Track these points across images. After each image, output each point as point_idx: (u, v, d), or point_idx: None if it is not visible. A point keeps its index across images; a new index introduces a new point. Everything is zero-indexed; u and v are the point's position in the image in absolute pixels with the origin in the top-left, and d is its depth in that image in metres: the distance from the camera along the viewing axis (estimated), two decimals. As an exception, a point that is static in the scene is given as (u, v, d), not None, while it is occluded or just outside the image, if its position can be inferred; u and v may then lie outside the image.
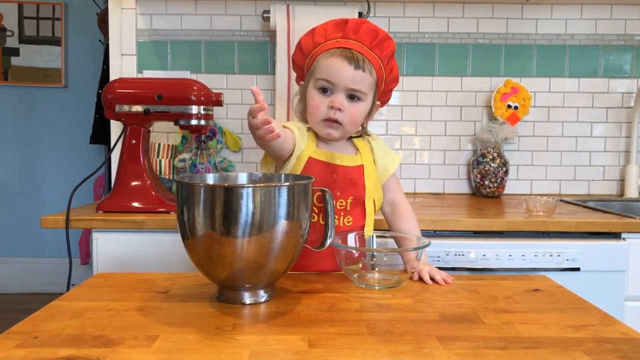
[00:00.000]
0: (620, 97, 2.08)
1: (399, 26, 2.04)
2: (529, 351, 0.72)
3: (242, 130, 2.04)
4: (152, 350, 0.71)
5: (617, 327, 0.82)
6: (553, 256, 1.46)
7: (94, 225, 1.47)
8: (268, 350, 0.71)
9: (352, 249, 1.06)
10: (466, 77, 2.06)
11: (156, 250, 1.48)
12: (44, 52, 3.42)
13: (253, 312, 0.87)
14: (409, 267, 1.04)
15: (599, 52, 2.07)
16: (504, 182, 1.97)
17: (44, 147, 3.50)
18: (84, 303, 0.90)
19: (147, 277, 1.06)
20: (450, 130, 2.07)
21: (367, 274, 1.05)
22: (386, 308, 0.89)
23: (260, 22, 1.99)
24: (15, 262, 3.53)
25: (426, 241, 1.03)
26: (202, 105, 1.54)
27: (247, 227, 0.82)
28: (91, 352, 0.70)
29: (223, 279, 0.89)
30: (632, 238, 1.49)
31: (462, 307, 0.90)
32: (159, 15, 2.00)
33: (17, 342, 0.73)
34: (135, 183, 1.54)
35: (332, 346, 0.73)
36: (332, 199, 0.98)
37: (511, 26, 2.05)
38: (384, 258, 1.07)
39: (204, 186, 0.85)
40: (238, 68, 2.02)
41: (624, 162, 2.09)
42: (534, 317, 0.86)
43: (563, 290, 1.02)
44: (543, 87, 2.07)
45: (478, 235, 1.51)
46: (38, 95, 3.46)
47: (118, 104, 1.53)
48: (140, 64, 1.99)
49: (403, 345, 0.73)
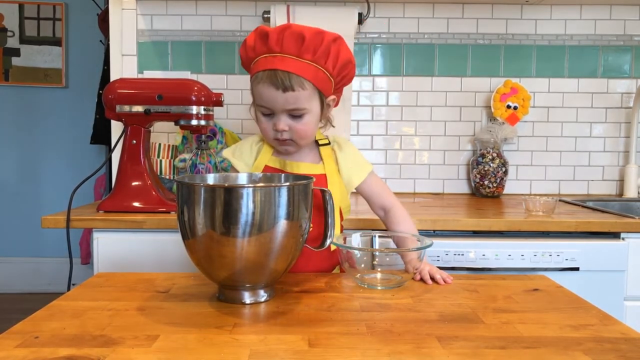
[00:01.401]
0: (620, 97, 2.08)
1: (399, 26, 2.04)
2: (529, 351, 0.72)
3: (242, 130, 2.04)
4: (152, 349, 0.72)
5: (617, 326, 0.82)
6: (552, 256, 1.46)
7: (95, 225, 1.47)
8: (268, 349, 0.72)
9: (355, 249, 1.06)
10: (466, 77, 2.06)
11: (156, 250, 1.49)
12: (45, 52, 3.42)
13: (253, 312, 0.87)
14: (410, 267, 1.04)
15: (598, 53, 2.07)
16: (503, 182, 1.97)
17: (44, 147, 3.51)
18: (84, 303, 0.90)
19: (148, 277, 1.06)
20: (449, 131, 2.08)
21: (369, 274, 1.05)
22: (386, 308, 0.89)
23: (261, 23, 2.00)
24: (15, 262, 3.53)
25: (429, 241, 1.03)
26: (202, 106, 1.54)
27: (247, 227, 0.83)
28: (91, 352, 0.70)
29: (223, 278, 0.89)
30: (632, 238, 1.50)
31: (462, 307, 0.90)
32: (160, 16, 2.01)
33: (17, 341, 0.74)
34: (135, 183, 1.54)
35: (332, 346, 0.73)
36: (332, 199, 0.98)
37: (511, 26, 2.05)
38: (386, 258, 1.07)
39: (204, 186, 0.85)
40: (238, 68, 2.03)
41: (623, 162, 2.09)
42: (534, 317, 0.86)
43: (562, 290, 1.02)
44: (542, 87, 2.07)
45: (477, 235, 1.51)
46: (39, 95, 3.47)
47: (119, 104, 1.53)
48: (141, 64, 1.99)
49: (403, 344, 0.74)
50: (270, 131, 1.12)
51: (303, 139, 1.13)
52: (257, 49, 1.10)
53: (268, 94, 1.07)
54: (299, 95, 1.07)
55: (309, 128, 1.12)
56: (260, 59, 1.09)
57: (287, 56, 1.06)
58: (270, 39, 1.07)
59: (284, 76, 1.05)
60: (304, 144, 1.15)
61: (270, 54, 1.07)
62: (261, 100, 1.09)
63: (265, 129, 1.13)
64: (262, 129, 1.14)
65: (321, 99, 1.13)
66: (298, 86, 1.06)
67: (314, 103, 1.11)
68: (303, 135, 1.12)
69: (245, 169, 1.18)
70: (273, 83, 1.06)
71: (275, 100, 1.07)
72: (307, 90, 1.08)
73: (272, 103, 1.08)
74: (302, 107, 1.08)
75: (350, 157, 1.19)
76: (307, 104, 1.09)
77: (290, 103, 1.07)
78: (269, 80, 1.06)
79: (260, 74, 1.08)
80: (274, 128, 1.11)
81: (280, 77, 1.05)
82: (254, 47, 1.10)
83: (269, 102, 1.08)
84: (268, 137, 1.14)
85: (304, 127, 1.11)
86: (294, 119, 1.10)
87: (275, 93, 1.06)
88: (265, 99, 1.08)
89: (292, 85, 1.05)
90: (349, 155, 1.19)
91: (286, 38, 1.06)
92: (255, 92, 1.11)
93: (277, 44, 1.07)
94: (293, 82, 1.05)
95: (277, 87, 1.06)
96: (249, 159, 1.18)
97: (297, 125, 1.10)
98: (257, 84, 1.09)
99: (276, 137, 1.12)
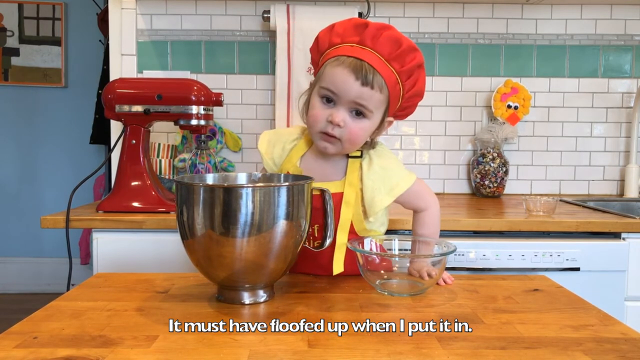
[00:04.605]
0: (620, 97, 2.08)
1: (399, 26, 2.00)
2: (529, 351, 0.72)
3: (242, 130, 2.04)
4: (151, 350, 0.71)
5: (617, 327, 0.82)
6: (553, 256, 1.46)
7: (94, 225, 1.47)
8: (267, 350, 0.71)
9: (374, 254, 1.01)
10: (466, 77, 2.06)
11: (156, 250, 1.48)
12: (44, 52, 3.42)
13: (252, 312, 0.87)
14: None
15: (598, 52, 2.07)
16: (503, 182, 1.97)
17: (44, 147, 3.51)
18: (83, 303, 0.90)
19: (147, 277, 1.06)
20: (450, 130, 2.07)
21: (389, 279, 1.01)
22: (386, 308, 0.89)
23: (260, 22, 1.99)
24: (15, 262, 3.53)
25: (451, 246, 0.99)
26: (202, 105, 1.54)
27: (247, 227, 0.82)
28: (90, 352, 0.70)
29: (222, 279, 0.89)
30: (632, 238, 1.49)
31: (462, 307, 0.90)
32: (159, 16, 2.00)
33: (16, 342, 0.74)
34: (135, 183, 1.54)
35: (331, 346, 0.73)
36: (332, 199, 0.98)
37: (511, 26, 2.05)
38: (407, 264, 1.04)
39: (203, 186, 0.85)
40: (238, 68, 2.02)
41: (624, 162, 2.09)
42: (534, 317, 0.86)
43: (563, 290, 1.02)
44: (543, 87, 2.07)
45: (478, 235, 1.51)
46: (38, 95, 3.47)
47: (118, 104, 1.53)
48: (140, 64, 1.99)
49: (402, 345, 0.73)
50: (322, 121, 1.01)
51: (350, 142, 1.02)
52: (346, 36, 1.02)
53: (344, 79, 0.98)
54: (373, 95, 0.99)
55: (362, 133, 1.02)
56: (346, 46, 1.01)
57: (377, 55, 1.00)
58: (368, 31, 1.00)
59: (369, 70, 0.98)
60: (347, 148, 1.04)
61: (360, 45, 1.01)
62: (332, 84, 1.00)
63: (317, 116, 1.02)
64: (314, 115, 1.02)
65: (384, 114, 1.04)
66: (377, 86, 0.99)
67: (378, 112, 1.03)
68: (354, 138, 1.02)
69: (272, 167, 1.11)
70: (355, 71, 0.98)
71: (350, 89, 0.98)
72: (381, 95, 1.00)
73: (344, 90, 0.99)
74: (369, 107, 1.00)
75: (379, 174, 1.06)
76: (374, 108, 1.01)
77: (362, 98, 0.99)
78: (352, 67, 0.98)
79: (343, 58, 1.00)
80: (328, 118, 1.00)
81: (366, 69, 0.98)
82: (343, 34, 1.03)
83: (340, 88, 0.99)
84: (316, 126, 1.02)
85: (358, 130, 1.01)
86: (353, 117, 1.01)
87: (353, 82, 0.98)
88: (339, 84, 0.99)
89: (372, 82, 0.98)
90: (377, 173, 1.06)
91: (383, 37, 1.00)
92: (326, 74, 1.01)
93: (373, 39, 1.00)
94: (375, 80, 0.98)
95: (357, 77, 0.98)
96: (278, 158, 1.10)
97: (352, 125, 1.01)
98: (335, 66, 1.00)
99: (326, 129, 1.01)
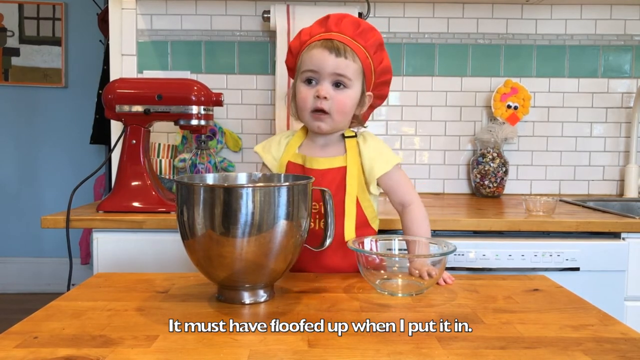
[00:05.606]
0: (620, 97, 2.08)
1: (399, 26, 2.04)
2: (528, 351, 0.72)
3: (242, 130, 2.04)
4: (151, 350, 0.71)
5: (617, 327, 0.82)
6: (553, 256, 1.46)
7: (94, 225, 1.47)
8: (267, 350, 0.71)
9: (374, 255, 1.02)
10: (466, 77, 2.06)
11: (156, 250, 1.48)
12: (44, 52, 3.42)
13: (253, 312, 0.87)
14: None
15: (598, 52, 2.07)
16: (503, 182, 1.97)
17: (44, 147, 3.51)
18: (83, 303, 0.90)
19: (147, 277, 1.06)
20: (450, 131, 2.07)
21: (389, 279, 1.01)
22: (386, 308, 0.89)
23: (260, 22, 1.99)
24: (15, 262, 3.53)
25: (451, 246, 1.00)
26: (202, 105, 1.54)
27: (247, 227, 0.82)
28: (91, 352, 0.70)
29: (223, 278, 0.89)
30: (632, 238, 1.49)
31: (462, 307, 0.90)
32: (159, 16, 2.00)
33: (16, 342, 0.74)
34: (135, 183, 1.54)
35: (331, 346, 0.73)
36: (332, 199, 0.98)
37: (511, 26, 2.05)
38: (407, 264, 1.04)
39: (203, 186, 0.85)
40: (238, 68, 2.03)
41: (624, 162, 2.09)
42: (534, 317, 0.86)
43: (562, 290, 1.02)
44: (543, 87, 2.07)
45: (478, 235, 1.51)
46: (38, 95, 3.47)
47: (118, 104, 1.53)
48: (141, 64, 1.99)
49: (402, 345, 0.73)
50: (309, 100, 1.13)
51: (340, 112, 1.13)
52: (314, 32, 1.17)
53: (320, 56, 1.11)
54: (349, 64, 1.11)
55: (348, 101, 1.13)
56: (315, 37, 1.15)
57: (342, 35, 1.13)
58: (330, 21, 1.15)
59: (339, 44, 1.11)
60: (338, 121, 1.14)
61: (327, 32, 1.15)
62: (311, 64, 1.12)
63: (304, 99, 1.13)
64: (302, 98, 1.14)
65: (363, 86, 1.16)
66: (350, 57, 1.11)
67: (357, 82, 1.14)
68: (342, 108, 1.13)
69: (273, 162, 1.20)
70: (328, 48, 1.11)
71: (326, 62, 1.10)
72: (356, 64, 1.12)
73: (322, 66, 1.11)
74: (348, 75, 1.11)
75: (374, 148, 1.17)
76: (352, 76, 1.12)
77: (339, 68, 1.11)
78: (324, 45, 1.11)
79: (315, 42, 1.13)
80: (315, 94, 1.12)
81: (336, 44, 1.11)
82: (310, 32, 1.17)
83: (318, 64, 1.11)
84: (306, 107, 1.13)
85: (344, 99, 1.13)
86: (336, 89, 1.12)
87: (328, 56, 1.10)
88: (316, 61, 1.11)
89: (345, 53, 1.11)
90: (372, 147, 1.17)
91: (344, 21, 1.15)
92: (304, 59, 1.14)
93: (336, 25, 1.14)
94: (347, 52, 1.11)
95: (330, 51, 1.11)
96: (276, 153, 1.20)
97: (338, 96, 1.12)
98: (310, 49, 1.13)
99: (315, 105, 1.12)
